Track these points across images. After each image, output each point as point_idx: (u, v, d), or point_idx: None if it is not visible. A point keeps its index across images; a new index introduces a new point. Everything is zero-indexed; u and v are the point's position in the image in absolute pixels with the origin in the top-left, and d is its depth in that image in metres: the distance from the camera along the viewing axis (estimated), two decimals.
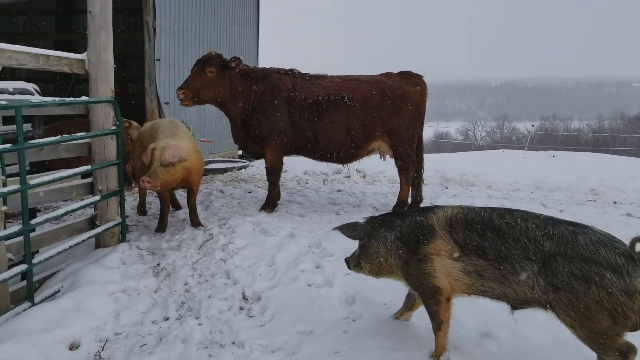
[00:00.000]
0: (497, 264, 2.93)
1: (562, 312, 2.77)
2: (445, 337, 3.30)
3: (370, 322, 3.79)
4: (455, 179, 10.04)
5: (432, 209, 3.34)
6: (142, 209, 6.81)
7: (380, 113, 6.74)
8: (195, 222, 5.98)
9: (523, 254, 2.86)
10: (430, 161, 8.43)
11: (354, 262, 3.71)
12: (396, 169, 7.14)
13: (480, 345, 3.49)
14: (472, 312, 3.75)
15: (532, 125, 28.93)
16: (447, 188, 9.27)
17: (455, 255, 3.07)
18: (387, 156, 7.18)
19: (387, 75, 7.16)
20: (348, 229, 3.63)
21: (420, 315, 3.80)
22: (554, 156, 14.87)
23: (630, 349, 2.70)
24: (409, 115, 6.85)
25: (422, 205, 7.26)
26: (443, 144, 38.67)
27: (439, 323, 3.27)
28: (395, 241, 3.35)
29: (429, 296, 3.25)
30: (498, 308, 3.28)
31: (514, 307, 3.12)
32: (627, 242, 2.71)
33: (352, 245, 4.49)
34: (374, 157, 7.41)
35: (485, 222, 3.02)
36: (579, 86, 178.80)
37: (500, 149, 20.38)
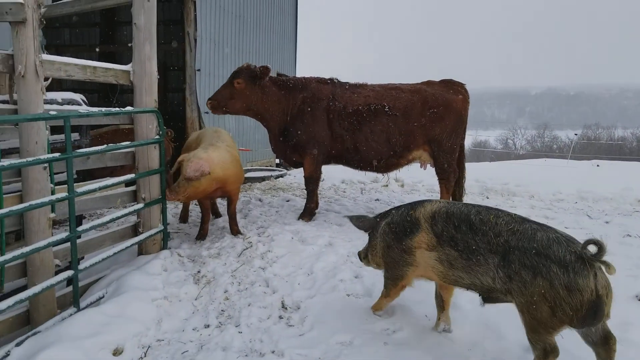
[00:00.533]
0: (465, 254, 3.19)
1: (515, 299, 3.00)
2: (386, 304, 3.94)
3: (411, 334, 3.74)
4: (496, 189, 9.86)
5: (422, 202, 3.64)
6: (184, 216, 6.91)
7: (421, 122, 6.67)
8: (234, 230, 6.03)
9: (488, 247, 3.10)
10: (470, 170, 8.28)
11: (363, 254, 4.06)
12: (436, 178, 7.06)
13: (523, 359, 3.40)
14: (515, 326, 3.65)
15: (575, 134, 28.20)
16: (487, 198, 9.11)
17: (433, 245, 3.38)
18: (428, 165, 7.11)
19: (429, 83, 7.09)
20: (357, 220, 4.01)
21: (462, 329, 3.74)
22: (598, 165, 14.48)
23: (553, 350, 2.93)
24: (450, 124, 6.76)
25: None
26: (482, 153, 38.09)
27: (386, 295, 3.87)
28: (385, 227, 3.72)
29: (392, 277, 3.73)
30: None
31: (485, 300, 3.33)
32: None
33: None
34: (413, 166, 7.34)
35: (462, 217, 3.29)
36: (623, 93, 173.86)
37: (541, 158, 19.95)
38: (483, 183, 10.18)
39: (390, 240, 3.64)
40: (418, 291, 3.82)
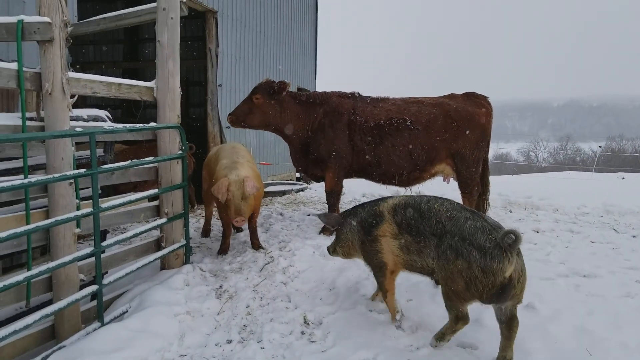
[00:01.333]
0: (417, 238, 3.68)
1: (439, 273, 3.53)
2: (392, 301, 4.10)
3: (434, 350, 3.68)
4: (519, 202, 9.72)
5: (384, 198, 4.12)
6: (207, 231, 6.94)
7: (444, 136, 6.63)
8: (256, 245, 6.04)
9: (430, 231, 3.60)
10: (493, 183, 8.18)
11: (332, 248, 4.46)
12: (458, 191, 6.99)
13: None
14: (542, 340, 3.59)
15: (600, 146, 27.78)
16: (510, 212, 8.98)
17: (395, 233, 3.83)
18: (451, 179, 7.05)
19: (451, 96, 7.05)
20: (325, 217, 4.49)
21: (489, 344, 3.68)
22: (623, 178, 14.22)
23: (464, 317, 3.47)
24: (474, 137, 6.70)
25: None
26: (504, 165, 37.70)
27: (384, 292, 4.09)
28: (357, 225, 4.13)
29: (377, 269, 4.06)
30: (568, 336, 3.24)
31: (437, 282, 3.99)
32: None
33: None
34: (436, 180, 7.28)
35: (415, 206, 3.78)
36: None
37: (564, 171, 19.67)
38: (506, 196, 10.05)
39: (362, 236, 4.09)
40: (442, 307, 3.76)
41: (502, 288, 3.22)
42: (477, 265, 3.24)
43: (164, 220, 5.09)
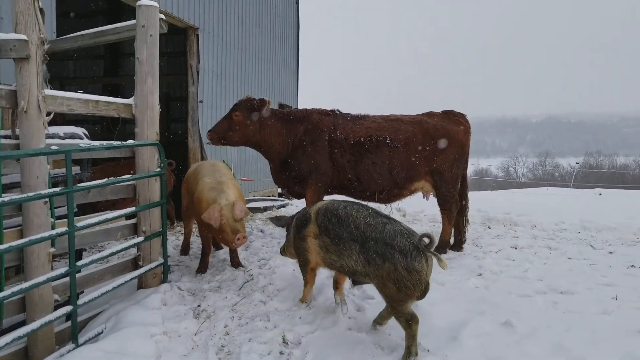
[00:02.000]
0: (334, 240, 4.11)
1: (372, 279, 3.86)
2: (309, 292, 4.82)
3: None
4: (498, 218, 9.81)
5: (317, 203, 4.57)
6: (185, 249, 6.86)
7: (423, 154, 6.68)
8: (235, 263, 5.99)
9: (349, 236, 3.99)
10: (472, 199, 8.24)
11: (282, 249, 4.94)
12: (438, 208, 7.04)
13: None
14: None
15: (577, 162, 28.20)
16: (489, 228, 9.06)
17: (316, 234, 4.29)
18: (430, 195, 7.09)
19: (430, 114, 7.12)
20: (276, 220, 4.93)
21: None
22: (600, 194, 14.43)
23: (413, 318, 3.71)
24: (452, 155, 6.77)
25: (464, 246, 7.11)
26: (484, 181, 38.03)
27: (305, 281, 4.77)
28: (294, 226, 4.61)
29: (302, 264, 4.64)
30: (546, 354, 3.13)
31: (354, 282, 4.58)
32: None
33: None
34: (416, 196, 7.31)
35: (333, 211, 4.19)
36: (624, 121, 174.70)
37: (543, 187, 19.92)
38: (485, 212, 10.14)
39: (295, 233, 4.57)
40: (422, 325, 3.76)
41: (427, 285, 3.68)
42: (401, 266, 3.62)
43: (141, 238, 5.03)
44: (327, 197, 7.14)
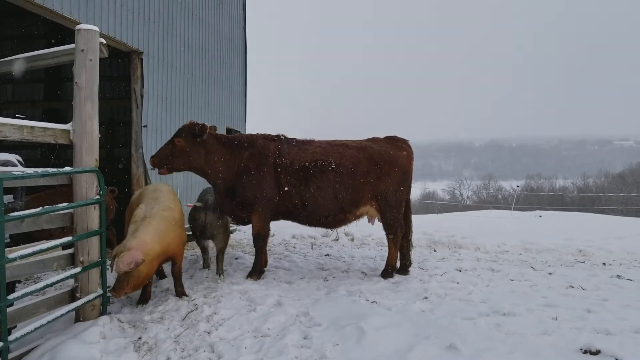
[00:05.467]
0: None
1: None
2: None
3: None
4: (443, 241, 9.99)
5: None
6: None
7: (367, 179, 6.75)
8: (179, 292, 5.83)
9: None
10: (418, 223, 8.39)
11: None
12: (384, 232, 7.10)
13: None
14: None
15: (517, 186, 29.20)
16: (435, 251, 9.21)
17: None
18: (376, 220, 7.14)
19: (374, 140, 7.22)
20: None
21: None
22: (540, 216, 14.94)
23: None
24: (396, 179, 6.87)
25: (410, 269, 7.18)
26: (431, 205, 38.78)
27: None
28: None
29: None
30: None
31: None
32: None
33: (341, 314, 4.44)
34: (363, 220, 7.37)
35: None
36: (562, 144, 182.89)
37: (487, 209, 20.46)
38: (431, 235, 10.31)
39: None
40: (370, 352, 3.74)
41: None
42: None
43: (78, 269, 4.83)
44: (273, 223, 7.10)
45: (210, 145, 6.70)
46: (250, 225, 7.02)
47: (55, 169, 4.62)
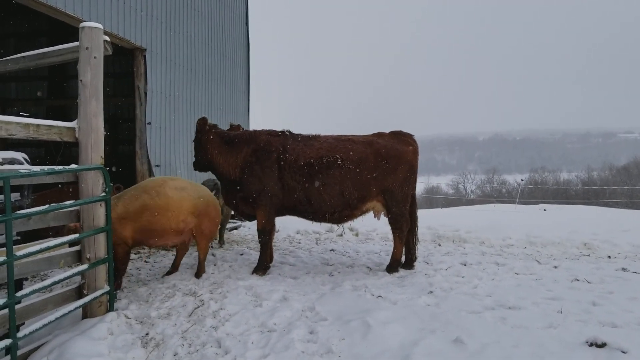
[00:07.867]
0: None
1: None
2: None
3: None
4: (447, 236, 9.99)
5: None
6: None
7: (374, 174, 6.73)
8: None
9: None
10: (423, 217, 8.37)
11: None
12: (390, 227, 7.09)
13: None
14: None
15: (522, 180, 29.13)
16: (439, 245, 9.21)
17: None
18: (382, 215, 7.14)
19: (380, 135, 7.21)
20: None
21: None
22: (544, 210, 14.90)
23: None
24: (402, 174, 6.86)
25: (415, 264, 7.19)
26: (434, 199, 38.73)
27: None
28: None
29: None
30: None
31: None
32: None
33: (346, 309, 4.45)
34: (367, 215, 7.36)
35: None
36: (567, 138, 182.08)
37: (491, 203, 20.43)
38: (435, 230, 10.31)
39: None
40: (375, 346, 3.76)
41: None
42: None
43: (85, 266, 4.85)
44: (278, 218, 7.11)
45: (213, 141, 6.86)
46: (255, 221, 7.04)
47: (61, 167, 4.64)
